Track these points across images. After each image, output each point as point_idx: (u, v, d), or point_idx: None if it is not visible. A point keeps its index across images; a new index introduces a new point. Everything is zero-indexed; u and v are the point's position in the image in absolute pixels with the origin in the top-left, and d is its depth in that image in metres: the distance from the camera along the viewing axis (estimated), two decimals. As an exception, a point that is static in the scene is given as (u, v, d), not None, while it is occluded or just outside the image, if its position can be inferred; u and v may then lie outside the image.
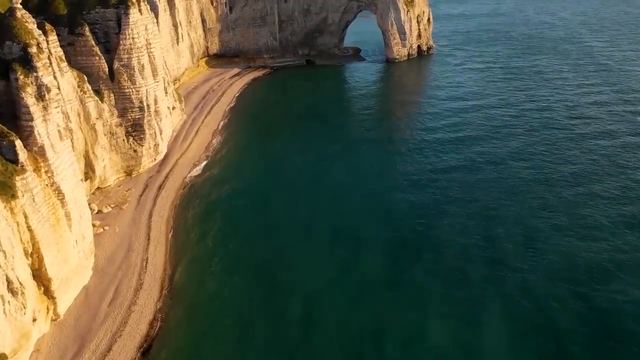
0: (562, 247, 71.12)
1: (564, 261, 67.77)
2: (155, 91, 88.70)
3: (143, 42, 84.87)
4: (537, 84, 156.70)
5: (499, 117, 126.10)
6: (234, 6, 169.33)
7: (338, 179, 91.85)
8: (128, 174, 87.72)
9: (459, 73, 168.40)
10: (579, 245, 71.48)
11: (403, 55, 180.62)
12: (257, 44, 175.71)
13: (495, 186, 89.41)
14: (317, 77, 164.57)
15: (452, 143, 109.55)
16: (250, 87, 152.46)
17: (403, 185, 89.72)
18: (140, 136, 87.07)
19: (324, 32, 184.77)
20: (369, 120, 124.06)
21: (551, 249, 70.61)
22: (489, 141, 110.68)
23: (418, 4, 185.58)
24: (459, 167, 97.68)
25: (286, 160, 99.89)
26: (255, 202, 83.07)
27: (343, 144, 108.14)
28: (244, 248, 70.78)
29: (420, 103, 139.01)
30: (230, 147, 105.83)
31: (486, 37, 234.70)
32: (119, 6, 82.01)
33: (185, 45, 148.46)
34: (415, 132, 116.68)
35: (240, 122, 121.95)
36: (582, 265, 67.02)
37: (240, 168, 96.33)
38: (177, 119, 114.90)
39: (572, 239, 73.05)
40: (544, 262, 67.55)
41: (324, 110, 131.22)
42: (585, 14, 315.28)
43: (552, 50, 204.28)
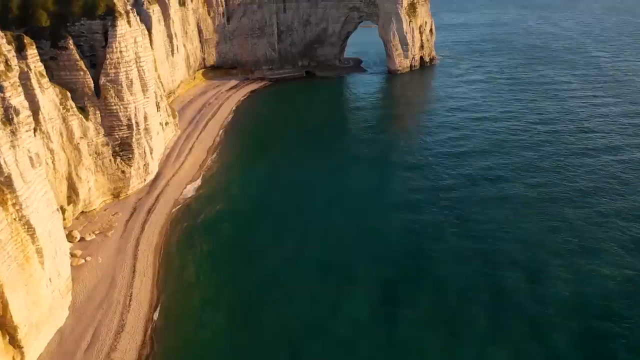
0: (573, 276, 65.45)
1: (576, 294, 61.99)
2: (145, 108, 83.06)
3: (132, 56, 79.35)
4: (543, 95, 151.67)
5: (504, 131, 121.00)
6: (231, 17, 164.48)
7: (336, 199, 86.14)
8: (115, 196, 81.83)
9: (463, 85, 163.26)
10: (591, 273, 65.81)
11: (405, 66, 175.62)
12: (255, 55, 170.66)
13: (500, 206, 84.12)
14: (317, 90, 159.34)
15: (455, 158, 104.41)
16: (248, 100, 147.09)
17: (402, 206, 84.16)
18: (129, 156, 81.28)
19: (324, 43, 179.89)
20: (370, 136, 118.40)
21: (561, 278, 64.89)
22: (494, 156, 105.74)
23: (420, 14, 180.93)
24: (462, 185, 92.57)
25: (283, 180, 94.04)
26: (249, 228, 76.97)
27: (343, 161, 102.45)
28: (235, 282, 64.61)
29: (423, 116, 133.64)
30: (225, 166, 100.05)
31: (489, 47, 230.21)
32: (105, 18, 76.59)
33: (181, 56, 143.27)
34: (418, 147, 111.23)
35: (236, 138, 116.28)
36: (595, 297, 61.33)
37: (235, 189, 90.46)
38: (170, 135, 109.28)
39: (584, 266, 67.39)
40: (554, 297, 61.59)
41: (324, 125, 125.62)
42: (588, 24, 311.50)
43: (557, 61, 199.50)
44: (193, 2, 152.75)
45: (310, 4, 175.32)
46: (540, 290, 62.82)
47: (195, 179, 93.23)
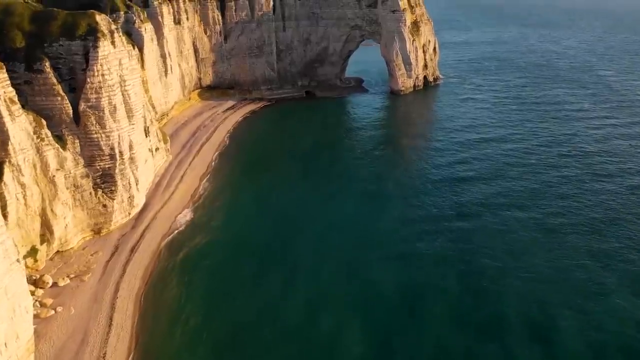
0: (587, 326, 57.89)
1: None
2: (130, 135, 75.93)
3: (116, 79, 72.46)
4: (552, 116, 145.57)
5: (512, 154, 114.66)
6: (229, 35, 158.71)
7: (334, 231, 79.04)
8: (96, 232, 74.21)
9: (468, 105, 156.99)
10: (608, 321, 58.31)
11: (409, 86, 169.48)
12: (253, 74, 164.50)
13: (508, 239, 77.41)
14: (318, 111, 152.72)
15: (460, 184, 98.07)
16: (245, 122, 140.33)
17: (401, 240, 77.25)
18: (111, 188, 73.87)
19: (324, 62, 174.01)
20: (372, 161, 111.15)
21: (575, 331, 57.39)
22: (501, 181, 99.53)
23: (424, 33, 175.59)
24: (467, 213, 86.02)
25: (279, 212, 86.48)
26: (242, 271, 69.08)
27: (342, 188, 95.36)
28: (224, 336, 56.71)
29: (427, 139, 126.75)
30: (217, 195, 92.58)
31: (494, 66, 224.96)
32: (87, 38, 69.89)
33: (175, 77, 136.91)
34: (421, 172, 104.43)
35: (231, 163, 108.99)
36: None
37: (228, 223, 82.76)
38: (160, 161, 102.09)
39: (600, 314, 59.86)
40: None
41: (324, 149, 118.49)
42: (591, 42, 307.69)
43: (564, 80, 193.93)
44: (189, 21, 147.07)
45: (311, 22, 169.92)
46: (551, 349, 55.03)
47: (185, 211, 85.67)
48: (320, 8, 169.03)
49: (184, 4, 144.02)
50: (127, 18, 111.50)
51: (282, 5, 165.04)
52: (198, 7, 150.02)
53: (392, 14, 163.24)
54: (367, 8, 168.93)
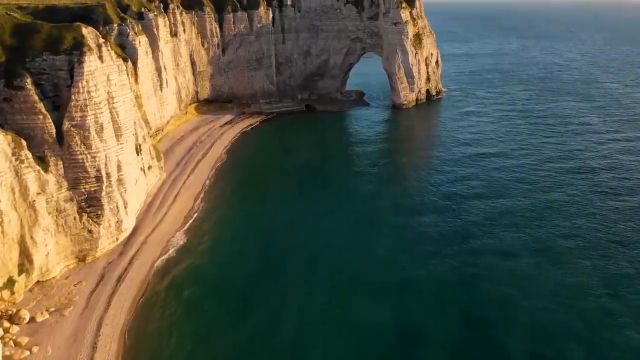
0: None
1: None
2: (118, 155, 71.11)
3: (103, 96, 67.84)
4: (558, 130, 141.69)
5: (519, 170, 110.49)
6: (227, 48, 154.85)
7: (332, 260, 73.35)
8: (81, 260, 69.07)
9: (472, 119, 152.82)
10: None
11: (411, 100, 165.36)
12: (252, 88, 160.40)
13: (517, 264, 72.43)
14: (318, 126, 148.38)
15: (464, 203, 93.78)
16: (243, 137, 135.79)
17: (404, 265, 72.42)
18: (97, 213, 68.86)
19: (325, 75, 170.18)
20: (374, 179, 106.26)
21: None
22: (507, 198, 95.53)
23: (426, 46, 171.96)
24: (473, 234, 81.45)
25: (276, 237, 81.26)
26: (231, 303, 63.69)
27: (341, 211, 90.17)
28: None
29: (431, 155, 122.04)
30: (213, 217, 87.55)
31: (498, 79, 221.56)
32: (72, 52, 65.37)
33: (171, 90, 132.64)
34: (425, 190, 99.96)
35: (228, 182, 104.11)
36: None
37: (221, 249, 77.52)
38: (153, 180, 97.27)
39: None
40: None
41: (324, 167, 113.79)
42: (593, 54, 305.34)
43: (570, 93, 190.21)
44: (186, 33, 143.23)
45: (311, 34, 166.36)
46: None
47: (177, 235, 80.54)
48: (321, 20, 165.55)
49: (181, 16, 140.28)
50: (120, 30, 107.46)
51: (281, 17, 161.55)
52: (195, 19, 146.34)
53: (394, 27, 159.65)
54: (369, 20, 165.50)
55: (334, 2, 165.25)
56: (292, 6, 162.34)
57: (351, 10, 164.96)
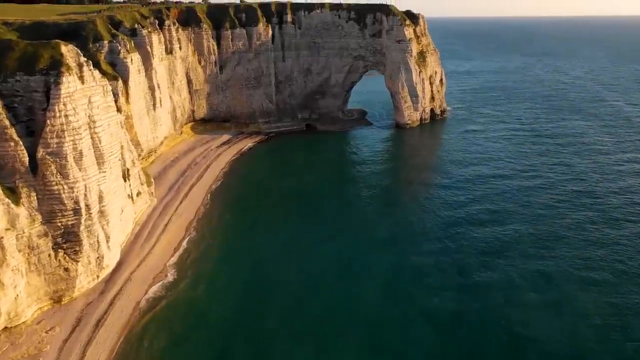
0: None
1: None
2: (100, 185, 64.60)
3: (83, 120, 61.57)
4: (569, 151, 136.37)
5: (530, 194, 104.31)
6: (224, 65, 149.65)
7: (327, 303, 66.11)
8: (56, 301, 62.10)
9: (479, 140, 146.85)
10: None
11: (415, 120, 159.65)
12: (250, 107, 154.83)
13: (531, 300, 66.02)
14: (318, 146, 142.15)
15: (473, 229, 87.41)
16: (241, 158, 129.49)
17: (411, 298, 66.44)
18: (75, 249, 62.08)
19: (326, 94, 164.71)
20: (377, 206, 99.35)
21: None
22: (519, 224, 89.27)
23: (430, 64, 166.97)
24: (481, 266, 74.77)
25: (271, 270, 74.41)
26: (229, 345, 57.01)
27: (343, 241, 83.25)
28: None
29: (436, 178, 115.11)
30: (204, 249, 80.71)
31: (502, 97, 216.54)
32: (49, 72, 59.27)
33: (165, 110, 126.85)
34: (430, 217, 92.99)
35: (222, 208, 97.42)
36: None
37: (217, 284, 70.62)
38: (143, 206, 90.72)
39: None
40: None
41: (325, 192, 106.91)
42: (597, 72, 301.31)
43: (578, 112, 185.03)
44: (182, 50, 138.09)
45: (312, 52, 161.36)
46: None
47: (166, 270, 73.59)
48: (322, 38, 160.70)
49: (177, 33, 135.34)
50: (111, 48, 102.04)
51: (281, 34, 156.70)
52: (192, 36, 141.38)
53: (397, 44, 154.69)
54: (371, 38, 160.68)
55: (336, 19, 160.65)
56: (292, 23, 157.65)
57: (353, 27, 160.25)
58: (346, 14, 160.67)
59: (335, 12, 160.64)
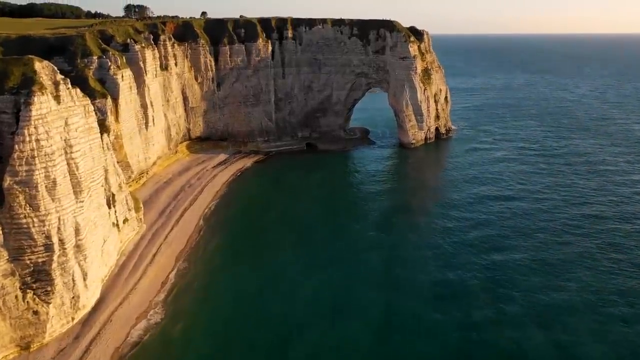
0: None
1: None
2: (76, 216, 57.90)
3: (58, 145, 55.16)
4: (580, 170, 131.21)
5: (540, 216, 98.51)
6: (222, 82, 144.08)
7: (324, 341, 59.37)
8: (24, 348, 54.96)
9: (486, 160, 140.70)
10: None
11: (420, 139, 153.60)
12: (249, 125, 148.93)
13: (546, 339, 59.49)
14: (319, 167, 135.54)
15: (482, 256, 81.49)
16: (238, 180, 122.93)
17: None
18: (46, 289, 55.18)
19: (327, 111, 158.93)
20: (378, 234, 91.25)
21: None
22: (532, 251, 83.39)
23: (435, 81, 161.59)
24: (492, 298, 68.85)
25: (262, 308, 67.43)
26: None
27: (342, 275, 75.88)
28: None
29: (443, 201, 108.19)
30: (195, 283, 73.63)
31: (508, 115, 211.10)
32: (19, 91, 53.03)
33: (159, 129, 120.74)
34: (436, 246, 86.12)
35: (216, 236, 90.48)
36: None
37: (204, 323, 63.46)
38: (130, 234, 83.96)
39: None
40: None
41: (325, 218, 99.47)
42: (603, 90, 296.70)
43: (587, 130, 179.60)
44: (178, 66, 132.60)
45: (313, 69, 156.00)
46: None
47: (152, 307, 66.58)
48: (324, 54, 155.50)
49: (173, 48, 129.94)
50: (100, 63, 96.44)
51: (281, 50, 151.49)
52: (188, 52, 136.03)
53: (401, 61, 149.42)
54: (374, 54, 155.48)
55: (338, 35, 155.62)
56: (293, 39, 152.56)
57: (356, 43, 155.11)
58: (348, 30, 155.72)
59: (337, 28, 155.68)
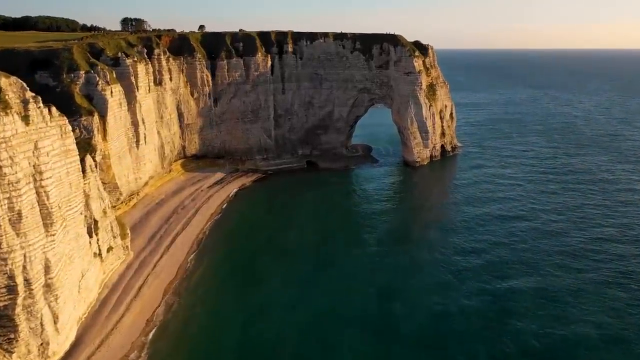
0: None
1: None
2: (46, 252, 51.15)
3: (25, 172, 48.66)
4: (592, 189, 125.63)
5: (551, 241, 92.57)
6: (219, 98, 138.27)
7: None
8: (-18, 404, 47.81)
9: (494, 180, 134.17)
10: None
11: (425, 157, 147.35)
12: (247, 142, 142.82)
13: None
14: (320, 187, 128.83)
15: (488, 284, 75.76)
16: (234, 201, 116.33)
17: None
18: (9, 337, 48.22)
19: (328, 128, 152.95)
20: (385, 262, 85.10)
21: None
22: (535, 278, 77.94)
23: (440, 97, 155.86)
24: (503, 331, 62.38)
25: (270, 348, 60.59)
26: None
27: (342, 312, 69.26)
28: None
29: (452, 225, 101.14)
30: (186, 321, 66.63)
31: (514, 131, 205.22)
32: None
33: (151, 147, 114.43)
34: (445, 285, 78.50)
35: (210, 266, 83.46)
36: None
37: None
38: (115, 264, 77.20)
39: None
40: None
41: (325, 243, 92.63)
42: (607, 106, 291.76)
43: (596, 147, 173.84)
44: (173, 81, 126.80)
45: (314, 84, 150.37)
46: None
47: (133, 350, 59.54)
48: (325, 69, 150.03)
49: (168, 63, 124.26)
50: (88, 78, 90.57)
51: (281, 65, 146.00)
52: (184, 66, 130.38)
53: (406, 77, 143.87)
54: (378, 69, 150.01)
55: (340, 49, 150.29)
56: (293, 53, 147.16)
57: (359, 58, 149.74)
58: (351, 44, 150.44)
59: (339, 42, 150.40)
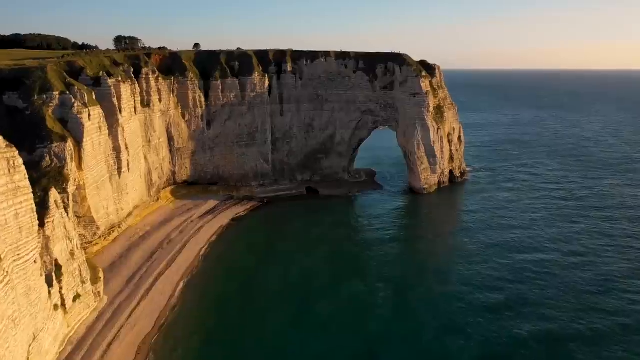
0: None
1: None
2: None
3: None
4: (613, 216, 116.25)
5: (566, 276, 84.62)
6: (213, 120, 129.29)
7: None
8: None
9: (506, 208, 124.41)
10: None
11: (433, 184, 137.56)
12: (242, 168, 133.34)
13: None
14: (321, 215, 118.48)
15: (501, 328, 65.91)
16: (226, 233, 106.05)
17: None
18: None
19: (330, 152, 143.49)
20: (391, 301, 75.37)
21: None
22: (551, 323, 66.40)
23: (448, 120, 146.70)
24: None
25: None
26: None
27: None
28: None
29: (463, 266, 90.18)
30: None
31: (525, 154, 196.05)
32: None
33: (137, 174, 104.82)
34: (451, 320, 69.03)
35: (194, 315, 72.67)
36: None
37: None
38: (83, 314, 67.00)
39: None
40: None
41: (325, 282, 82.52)
42: (616, 127, 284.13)
43: (611, 170, 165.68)
44: (162, 102, 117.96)
45: (314, 105, 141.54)
46: None
47: None
48: (326, 89, 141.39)
49: (157, 83, 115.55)
50: (62, 100, 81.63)
51: (279, 85, 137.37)
52: (175, 86, 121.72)
53: (412, 98, 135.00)
54: (382, 90, 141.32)
55: (342, 69, 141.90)
56: (292, 73, 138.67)
57: (362, 78, 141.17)
58: (354, 64, 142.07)
59: (341, 61, 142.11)
